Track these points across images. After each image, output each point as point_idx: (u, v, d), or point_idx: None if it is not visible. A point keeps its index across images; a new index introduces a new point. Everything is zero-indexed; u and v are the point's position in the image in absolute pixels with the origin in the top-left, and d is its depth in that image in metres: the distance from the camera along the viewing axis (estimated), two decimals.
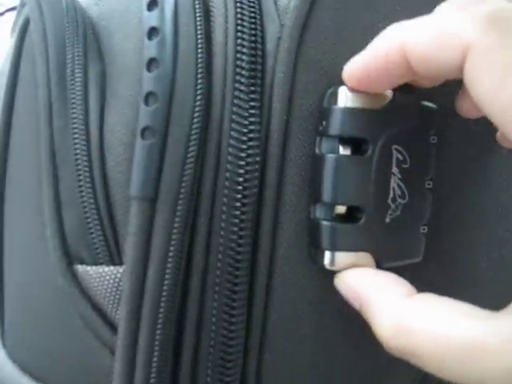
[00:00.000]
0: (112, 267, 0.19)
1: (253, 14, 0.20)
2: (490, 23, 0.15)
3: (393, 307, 0.17)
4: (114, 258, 0.19)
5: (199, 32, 0.19)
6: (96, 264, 0.19)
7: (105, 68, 0.20)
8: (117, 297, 0.19)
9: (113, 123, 0.19)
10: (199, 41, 0.19)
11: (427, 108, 0.20)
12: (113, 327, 0.19)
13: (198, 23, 0.19)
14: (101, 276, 0.19)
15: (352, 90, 0.19)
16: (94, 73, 0.20)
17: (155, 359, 0.18)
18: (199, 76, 0.18)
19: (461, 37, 0.15)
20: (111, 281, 0.19)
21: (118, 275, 0.19)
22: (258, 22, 0.20)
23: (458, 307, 0.16)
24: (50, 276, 0.20)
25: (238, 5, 0.20)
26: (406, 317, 0.16)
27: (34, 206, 0.21)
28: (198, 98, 0.18)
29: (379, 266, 0.20)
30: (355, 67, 0.18)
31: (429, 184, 0.20)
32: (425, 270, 0.21)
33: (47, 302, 0.21)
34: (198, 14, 0.19)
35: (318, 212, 0.19)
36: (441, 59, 0.16)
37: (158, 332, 0.18)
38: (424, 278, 0.21)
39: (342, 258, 0.19)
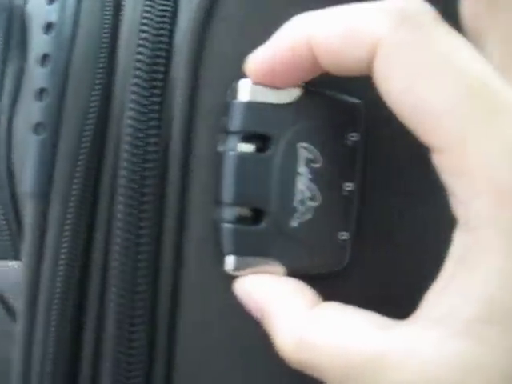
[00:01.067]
0: (14, 262, 0.19)
1: (163, 7, 0.19)
2: (401, 20, 0.14)
3: (294, 319, 0.16)
4: (18, 253, 0.19)
5: (105, 26, 0.19)
6: (2, 258, 0.20)
7: (24, 65, 0.21)
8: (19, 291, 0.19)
9: (20, 120, 0.20)
10: (104, 35, 0.19)
11: (348, 103, 0.18)
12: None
13: (106, 17, 0.19)
14: (6, 270, 0.19)
15: (255, 83, 0.17)
16: (13, 69, 0.20)
17: (51, 355, 0.18)
18: (99, 71, 0.18)
19: (371, 32, 0.14)
20: (15, 275, 0.19)
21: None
22: (169, 14, 0.19)
23: (362, 318, 0.15)
24: None
25: None
26: (309, 330, 0.15)
27: None
28: (95, 93, 0.18)
29: (290, 273, 0.18)
30: (259, 60, 0.17)
31: (349, 186, 0.18)
32: (348, 279, 0.19)
33: None
34: (106, 8, 0.19)
35: (220, 214, 0.18)
36: (349, 55, 0.15)
37: (53, 329, 0.18)
38: (347, 287, 0.19)
39: (246, 263, 0.18)
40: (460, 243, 0.14)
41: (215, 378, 0.20)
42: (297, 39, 0.16)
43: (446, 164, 0.14)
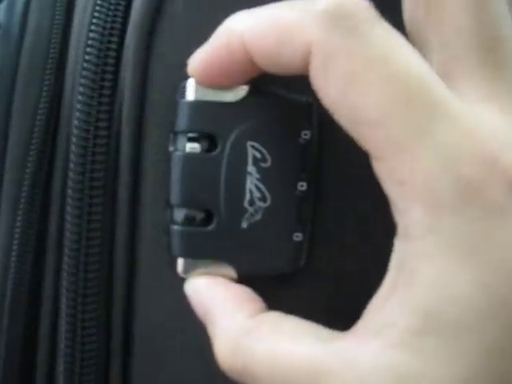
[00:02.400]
0: None
1: (116, 6, 0.19)
2: (333, 22, 0.13)
3: (233, 327, 0.16)
4: None
5: (55, 26, 0.19)
6: None
7: None
8: None
9: None
10: (54, 35, 0.18)
11: (300, 101, 0.18)
12: None
13: (57, 16, 0.19)
14: None
15: (199, 83, 0.17)
16: None
17: (2, 358, 0.18)
18: (48, 71, 0.18)
19: (303, 35, 0.14)
20: None
21: None
22: (120, 14, 0.19)
23: (302, 328, 0.15)
24: None
25: None
26: (245, 337, 0.15)
27: None
28: (44, 94, 0.18)
29: (241, 275, 0.18)
30: (198, 60, 0.17)
31: (302, 186, 0.18)
32: (307, 280, 0.19)
33: None
34: (58, 6, 0.19)
35: (169, 215, 0.18)
36: (283, 55, 0.15)
37: (5, 332, 0.18)
38: (305, 288, 0.19)
39: (196, 265, 0.18)
40: (399, 252, 0.14)
41: (172, 378, 0.19)
42: (231, 37, 0.15)
43: (383, 171, 0.14)
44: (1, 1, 0.18)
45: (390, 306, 0.13)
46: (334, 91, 0.14)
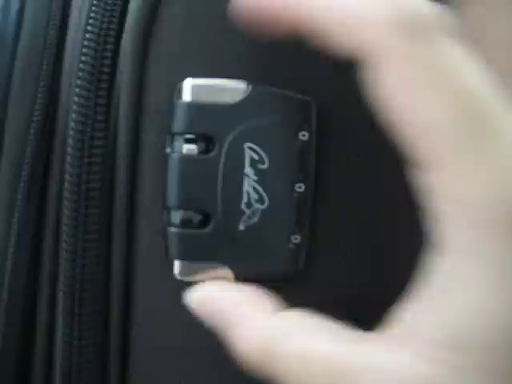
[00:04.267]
0: None
1: (112, 7, 0.18)
2: (405, 26, 0.13)
3: (258, 328, 0.15)
4: None
5: (51, 26, 0.18)
6: None
7: None
8: None
9: None
10: (50, 36, 0.18)
11: (298, 101, 0.18)
12: None
13: (53, 17, 0.19)
14: None
15: (197, 84, 0.17)
16: None
17: None
18: (43, 73, 0.18)
19: (370, 32, 0.13)
20: None
21: None
22: (117, 14, 0.18)
23: (325, 326, 0.15)
24: None
25: None
26: (274, 339, 0.15)
27: None
28: (40, 95, 0.18)
29: (239, 278, 0.18)
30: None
31: (300, 188, 0.18)
32: (305, 283, 0.18)
33: None
34: (54, 6, 0.19)
35: (165, 217, 0.18)
36: (337, 33, 0.14)
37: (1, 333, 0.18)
38: (304, 291, 0.19)
39: (193, 268, 0.18)
40: (433, 266, 0.14)
41: (171, 379, 0.19)
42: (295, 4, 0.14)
43: (427, 182, 0.14)
44: None
45: (421, 319, 0.13)
46: (393, 90, 0.13)
